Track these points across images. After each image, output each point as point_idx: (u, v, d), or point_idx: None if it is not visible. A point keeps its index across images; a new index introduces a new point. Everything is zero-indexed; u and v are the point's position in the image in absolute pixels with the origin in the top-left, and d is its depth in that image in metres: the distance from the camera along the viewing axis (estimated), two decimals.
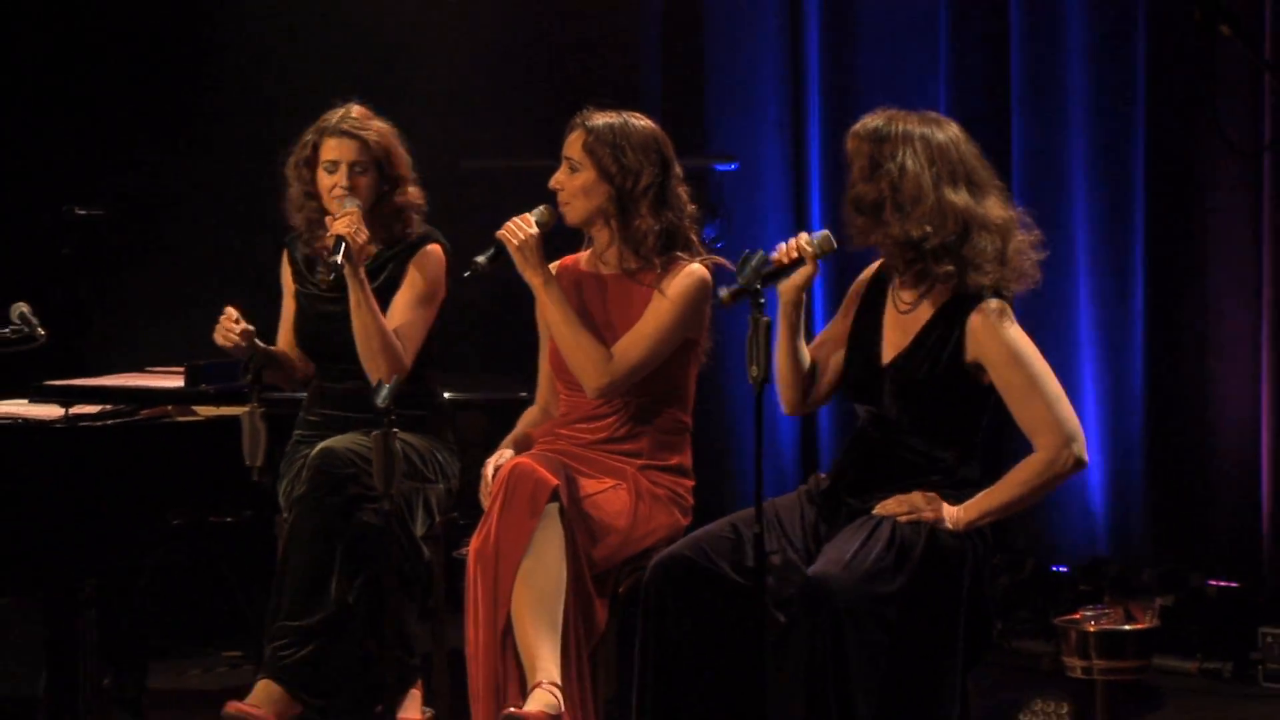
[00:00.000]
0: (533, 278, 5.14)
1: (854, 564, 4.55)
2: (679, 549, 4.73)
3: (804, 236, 4.75)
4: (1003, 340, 4.71)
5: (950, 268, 4.70)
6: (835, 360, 4.91)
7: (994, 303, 4.73)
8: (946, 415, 4.76)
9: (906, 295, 4.82)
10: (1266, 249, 7.67)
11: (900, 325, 4.81)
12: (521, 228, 5.13)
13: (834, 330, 4.95)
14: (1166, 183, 7.91)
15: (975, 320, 4.71)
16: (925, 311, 4.77)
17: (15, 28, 8.37)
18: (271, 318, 5.79)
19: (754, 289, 4.57)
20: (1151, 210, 7.95)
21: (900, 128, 4.78)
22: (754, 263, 4.60)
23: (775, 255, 4.71)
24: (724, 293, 4.62)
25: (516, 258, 5.13)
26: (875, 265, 4.94)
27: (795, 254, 4.70)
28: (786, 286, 4.76)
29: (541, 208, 5.20)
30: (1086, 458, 4.71)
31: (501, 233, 5.14)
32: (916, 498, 4.64)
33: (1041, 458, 4.68)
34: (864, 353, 4.84)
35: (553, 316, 5.12)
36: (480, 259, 5.17)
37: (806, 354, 4.85)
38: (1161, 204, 7.93)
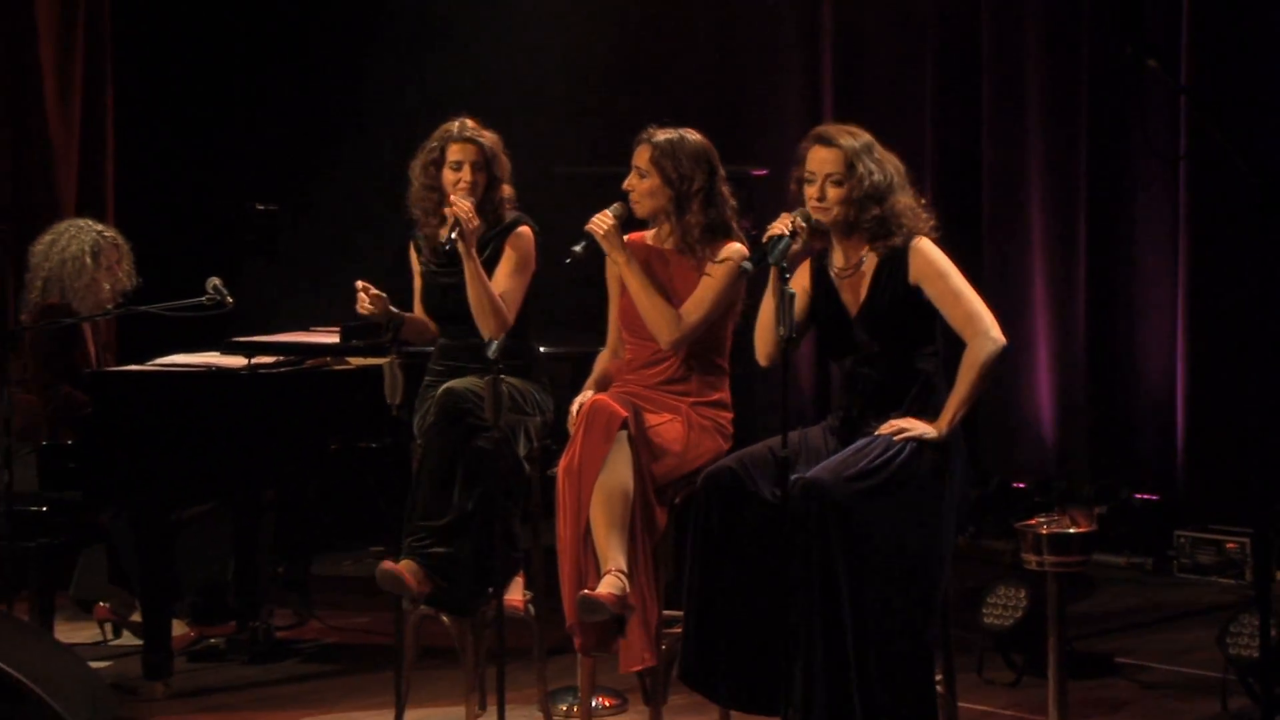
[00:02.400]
0: (618, 257, 5.14)
1: (841, 469, 4.54)
2: (725, 464, 4.72)
3: (792, 215, 4.74)
4: (931, 260, 4.68)
5: (896, 226, 4.69)
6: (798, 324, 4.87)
7: (923, 240, 4.71)
8: (914, 331, 4.72)
9: (844, 263, 4.78)
10: (1182, 235, 7.66)
11: (850, 286, 4.77)
12: (604, 220, 5.13)
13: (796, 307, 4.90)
14: (1104, 183, 7.90)
15: (912, 250, 4.68)
16: (868, 265, 4.74)
17: (219, 68, 8.43)
18: (400, 288, 5.78)
19: (782, 266, 4.59)
20: (1092, 205, 7.93)
21: (865, 136, 4.77)
22: (781, 246, 4.62)
23: (774, 227, 4.69)
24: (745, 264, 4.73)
25: (603, 244, 5.12)
26: (805, 263, 4.87)
27: (791, 227, 4.67)
28: (778, 258, 4.71)
29: (617, 204, 5.19)
30: (1004, 337, 4.66)
31: (589, 226, 5.12)
32: (908, 420, 4.64)
33: (972, 350, 4.64)
34: (833, 321, 4.80)
35: (634, 286, 5.11)
36: (576, 248, 5.14)
37: (796, 316, 4.81)
38: (1100, 200, 7.92)
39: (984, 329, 4.65)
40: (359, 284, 5.49)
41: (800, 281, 4.84)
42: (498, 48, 8.34)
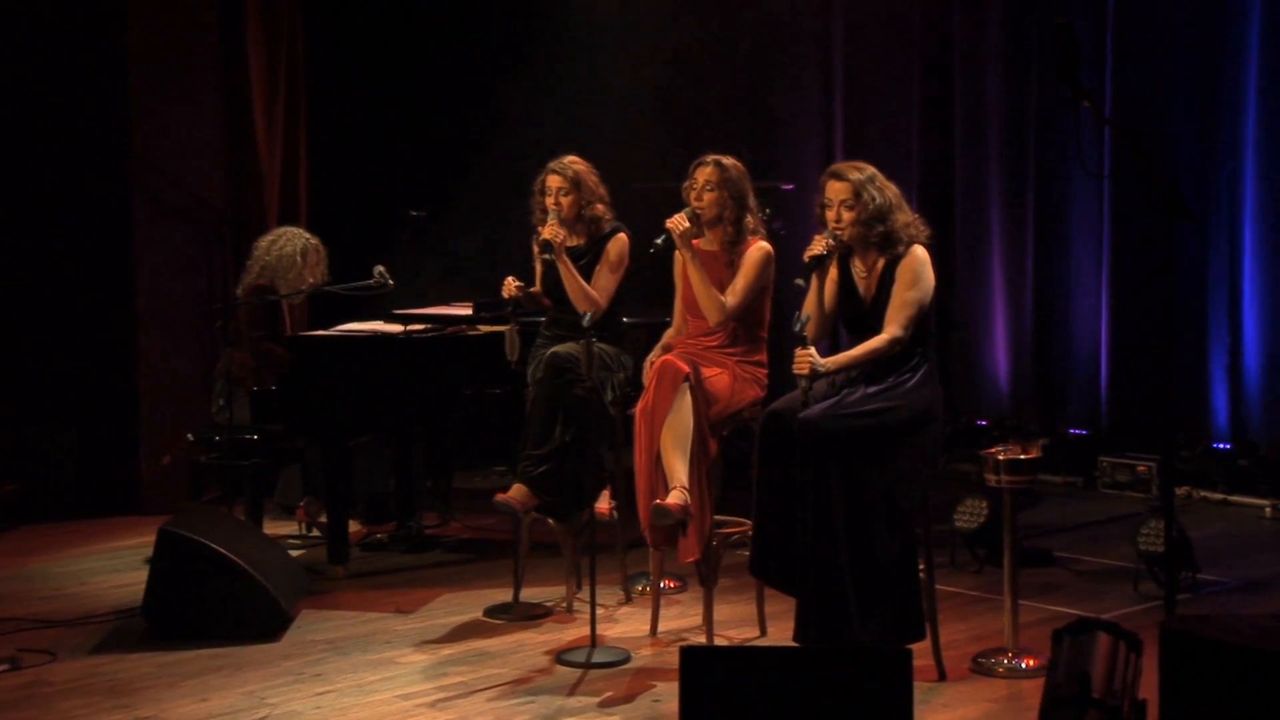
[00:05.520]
0: (685, 252, 5.08)
1: (833, 409, 4.48)
2: (779, 406, 4.61)
3: (824, 237, 4.68)
4: (911, 267, 4.57)
5: (907, 232, 4.62)
6: (829, 318, 4.81)
7: (920, 249, 4.62)
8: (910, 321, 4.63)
9: (862, 266, 4.70)
10: (1106, 232, 7.62)
11: (867, 281, 4.69)
12: (680, 222, 5.07)
13: (825, 296, 4.85)
14: (1047, 192, 7.85)
15: (908, 254, 4.59)
16: (877, 270, 4.65)
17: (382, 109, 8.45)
18: (515, 270, 5.77)
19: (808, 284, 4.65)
20: (1038, 209, 7.89)
21: (869, 169, 4.67)
22: (806, 270, 4.63)
23: (812, 248, 4.64)
24: (799, 281, 4.66)
25: (677, 241, 5.05)
26: (833, 259, 4.76)
27: (826, 248, 4.64)
28: (820, 269, 4.68)
29: (689, 209, 5.12)
30: (898, 344, 4.54)
31: (668, 224, 5.05)
32: (811, 358, 4.52)
33: (878, 338, 4.55)
34: (853, 307, 4.73)
35: (694, 277, 5.06)
36: (658, 241, 5.07)
37: (826, 309, 4.77)
38: (1044, 205, 7.87)
39: (894, 331, 4.55)
40: (509, 278, 5.50)
41: (830, 274, 4.79)
42: (594, 93, 8.33)
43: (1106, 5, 7.48)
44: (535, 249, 5.66)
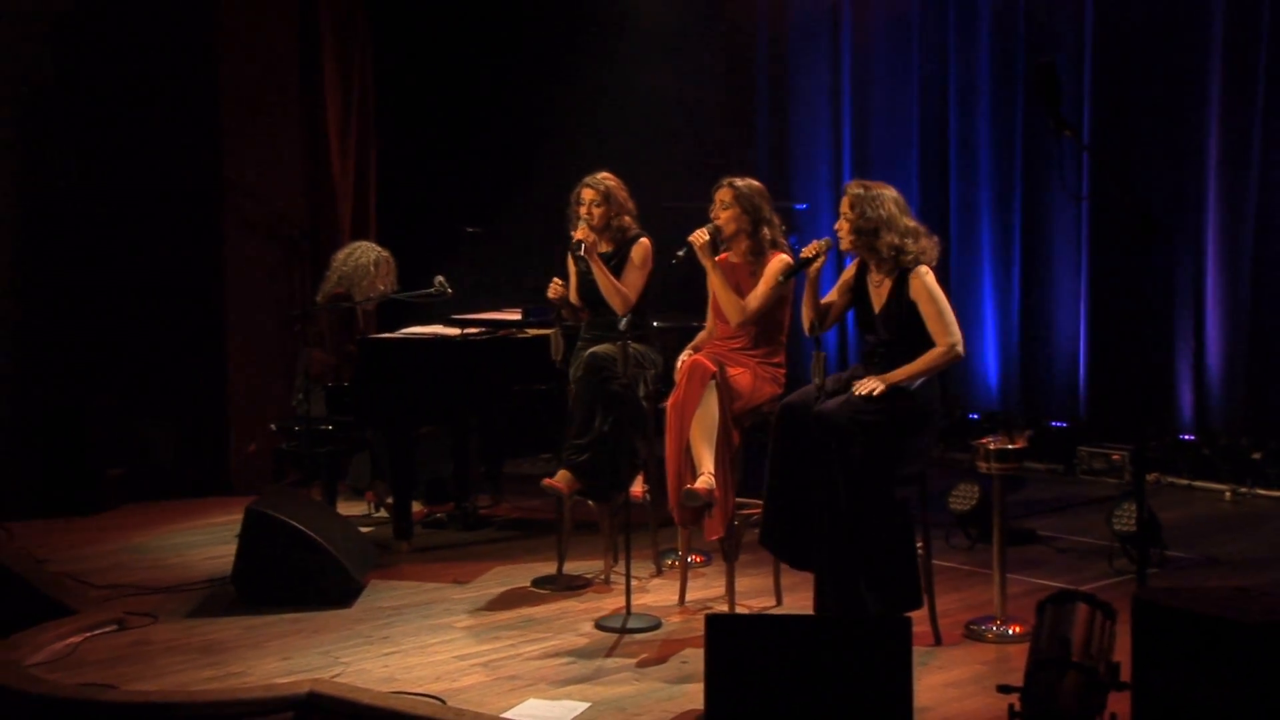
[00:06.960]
0: (707, 262, 5.09)
1: (844, 405, 4.48)
2: (794, 398, 4.62)
3: (820, 241, 4.70)
4: (923, 287, 4.58)
5: (900, 255, 4.61)
6: (834, 308, 4.81)
7: (923, 269, 4.62)
8: (914, 333, 4.61)
9: (876, 277, 4.71)
10: (1084, 247, 7.58)
11: (878, 292, 4.69)
12: (701, 235, 5.08)
13: (834, 294, 4.83)
14: (1033, 211, 7.80)
15: (913, 278, 4.60)
16: (888, 283, 4.66)
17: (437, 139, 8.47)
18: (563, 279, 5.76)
19: (801, 277, 4.69)
20: (1024, 228, 7.84)
21: (876, 190, 4.67)
22: (794, 268, 4.68)
23: (804, 250, 4.69)
24: (781, 277, 4.70)
25: (699, 252, 5.07)
26: (853, 265, 4.79)
27: (816, 251, 4.67)
28: (812, 269, 4.69)
29: (710, 224, 5.14)
30: (962, 351, 4.58)
31: (690, 237, 5.08)
32: (870, 380, 4.56)
33: (938, 350, 4.56)
34: (864, 310, 4.74)
35: (716, 284, 5.09)
36: (680, 253, 5.09)
37: (820, 301, 4.77)
38: (1029, 226, 7.83)
39: (949, 341, 4.57)
40: (555, 280, 5.50)
41: (846, 277, 4.80)
42: (630, 120, 8.34)
43: (1084, 44, 7.45)
44: (570, 258, 5.68)
